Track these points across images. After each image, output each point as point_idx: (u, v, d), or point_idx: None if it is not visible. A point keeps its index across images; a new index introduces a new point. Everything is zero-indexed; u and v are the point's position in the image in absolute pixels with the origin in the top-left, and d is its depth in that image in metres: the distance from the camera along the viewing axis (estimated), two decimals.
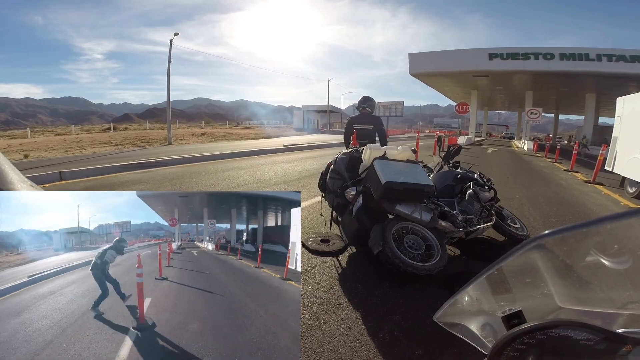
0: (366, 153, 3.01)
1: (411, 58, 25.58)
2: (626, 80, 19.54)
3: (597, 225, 0.40)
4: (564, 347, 0.41)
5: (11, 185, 0.57)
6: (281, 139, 19.20)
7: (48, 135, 25.06)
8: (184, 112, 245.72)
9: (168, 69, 18.88)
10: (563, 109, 40.63)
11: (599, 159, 7.99)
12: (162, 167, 8.34)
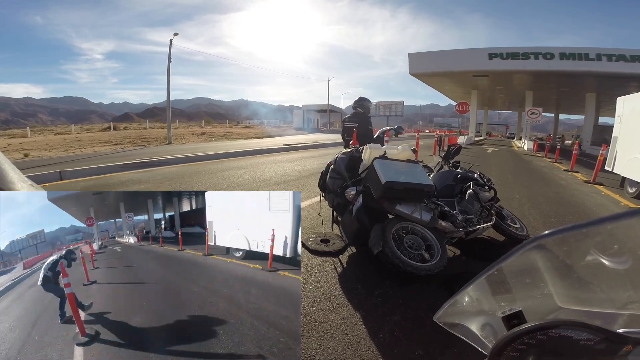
0: (366, 153, 3.01)
1: (411, 58, 25.57)
2: (626, 80, 19.53)
3: (597, 226, 0.40)
4: (564, 347, 0.41)
5: (11, 185, 0.57)
6: (281, 139, 19.20)
7: (48, 134, 25.05)
8: (183, 112, 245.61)
9: (168, 69, 18.89)
10: (563, 108, 40.61)
11: (598, 159, 7.99)
12: (162, 166, 8.35)
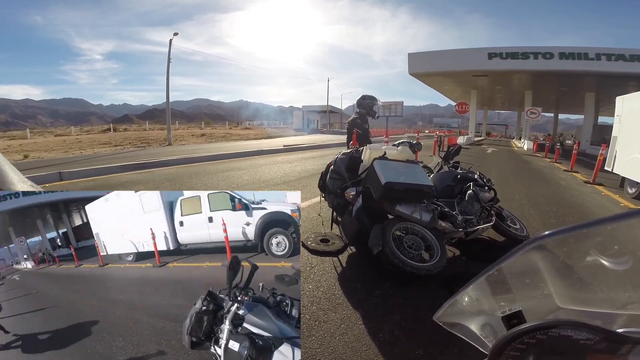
0: (366, 153, 3.01)
1: (411, 58, 25.57)
2: (626, 80, 19.53)
3: (597, 226, 0.40)
4: (564, 347, 0.41)
5: (11, 186, 0.57)
6: (281, 140, 19.20)
7: (48, 136, 25.04)
8: (183, 113, 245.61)
9: (167, 70, 18.89)
10: (563, 108, 40.59)
11: (598, 159, 7.99)
12: (162, 167, 8.35)
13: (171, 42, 18.53)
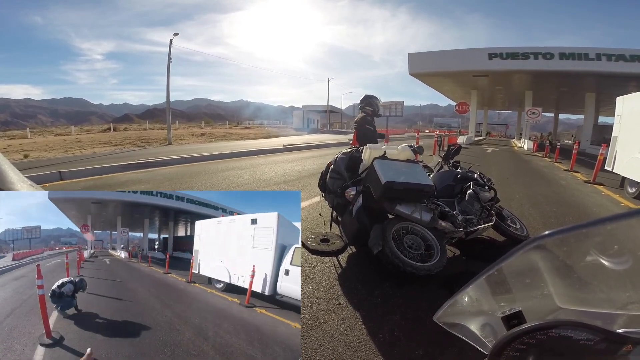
0: (366, 153, 3.01)
1: (411, 58, 25.58)
2: (626, 80, 19.53)
3: (597, 226, 0.40)
4: (564, 347, 0.41)
5: (11, 185, 0.57)
6: (281, 139, 19.20)
7: (48, 135, 25.05)
8: (183, 113, 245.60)
9: (168, 69, 18.89)
10: (563, 108, 40.61)
11: (598, 159, 7.99)
12: (162, 167, 8.34)
13: (171, 42, 18.53)
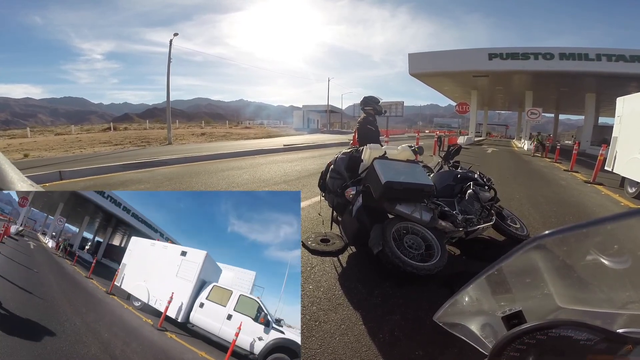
0: (366, 153, 3.01)
1: (411, 58, 25.57)
2: (626, 80, 19.52)
3: (597, 226, 0.40)
4: (564, 347, 0.41)
5: (11, 185, 0.57)
6: (281, 139, 19.21)
7: (48, 135, 25.04)
8: (183, 112, 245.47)
9: (168, 69, 18.89)
10: (563, 108, 40.61)
11: (598, 159, 7.99)
12: (162, 166, 8.35)
13: (171, 42, 18.53)
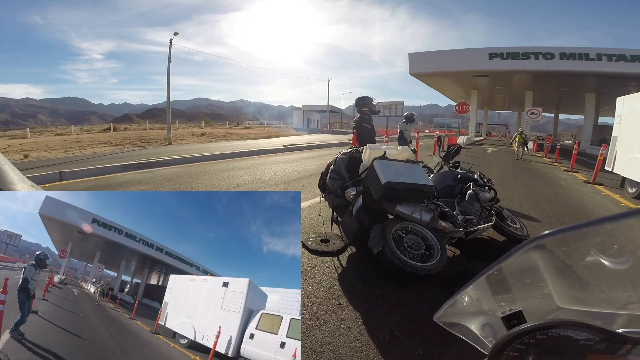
0: (366, 153, 3.01)
1: (411, 58, 25.57)
2: (626, 80, 19.52)
3: (597, 226, 0.40)
4: (564, 347, 0.41)
5: (11, 186, 0.57)
6: (281, 139, 19.21)
7: (48, 135, 25.05)
8: (183, 112, 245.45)
9: (168, 69, 18.89)
10: (563, 108, 40.61)
11: (598, 159, 8.00)
12: (162, 167, 8.35)
13: (171, 42, 18.53)
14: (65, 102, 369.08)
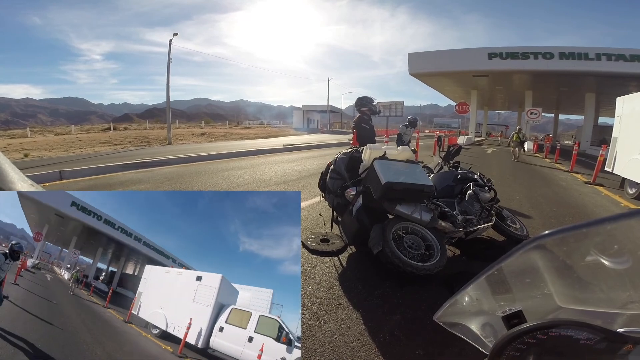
0: (366, 153, 3.01)
1: (411, 58, 25.56)
2: (626, 80, 19.52)
3: (597, 226, 0.40)
4: (564, 347, 0.41)
5: (11, 185, 0.57)
6: (281, 139, 19.21)
7: (48, 135, 25.04)
8: (183, 112, 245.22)
9: (168, 69, 18.89)
10: (563, 108, 40.60)
11: (598, 160, 8.00)
12: (162, 166, 8.35)
13: (171, 42, 18.53)
14: (65, 102, 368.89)
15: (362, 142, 4.35)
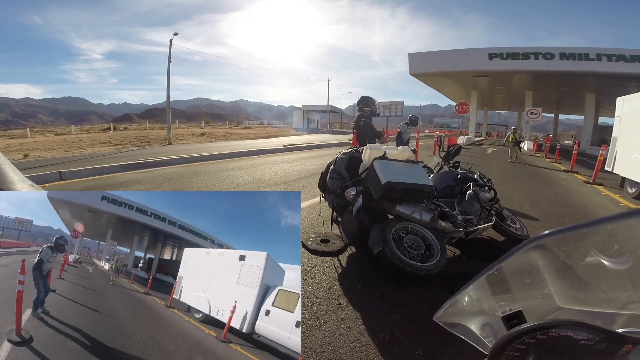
0: (366, 153, 3.01)
1: (411, 58, 25.56)
2: (626, 80, 19.51)
3: (597, 226, 0.40)
4: (564, 347, 0.41)
5: (11, 185, 0.57)
6: (281, 139, 19.21)
7: (48, 135, 25.03)
8: (183, 112, 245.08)
9: (168, 69, 18.89)
10: (563, 108, 40.59)
11: (598, 159, 8.00)
12: (162, 167, 8.35)
13: (171, 42, 18.53)
14: (65, 101, 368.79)
15: (363, 141, 4.36)
